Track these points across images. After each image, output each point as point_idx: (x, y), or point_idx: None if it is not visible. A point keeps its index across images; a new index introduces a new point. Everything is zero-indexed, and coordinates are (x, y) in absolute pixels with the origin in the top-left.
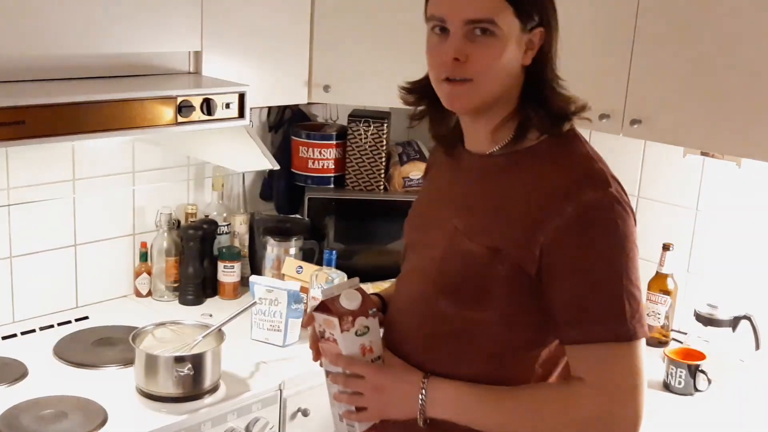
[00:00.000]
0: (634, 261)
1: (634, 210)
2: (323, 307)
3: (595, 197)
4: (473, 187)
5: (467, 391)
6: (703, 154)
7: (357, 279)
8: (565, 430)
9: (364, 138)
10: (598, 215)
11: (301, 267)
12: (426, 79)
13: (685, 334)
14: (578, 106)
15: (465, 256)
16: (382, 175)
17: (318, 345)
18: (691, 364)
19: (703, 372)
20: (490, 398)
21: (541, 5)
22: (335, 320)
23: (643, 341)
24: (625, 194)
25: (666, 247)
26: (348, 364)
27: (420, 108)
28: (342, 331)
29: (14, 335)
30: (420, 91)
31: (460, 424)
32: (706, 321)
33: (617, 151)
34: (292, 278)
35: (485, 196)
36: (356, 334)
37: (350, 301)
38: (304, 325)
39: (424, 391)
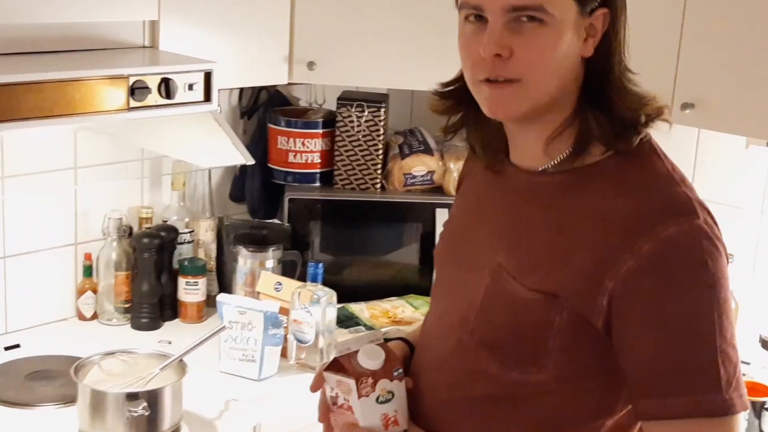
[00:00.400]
0: (728, 312)
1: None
2: (337, 365)
3: (680, 231)
4: (522, 212)
5: None
6: None
7: (381, 332)
8: None
9: (357, 126)
10: (683, 255)
11: (280, 283)
12: (462, 79)
13: (749, 364)
14: (654, 109)
15: (513, 303)
16: (379, 172)
17: (329, 416)
18: (756, 401)
19: None
20: None
21: None
22: (352, 382)
23: (742, 416)
24: (716, 225)
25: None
26: None
27: (456, 117)
28: (360, 396)
29: None
30: (456, 96)
31: None
32: None
33: (664, 142)
34: (270, 297)
35: (538, 225)
36: (377, 400)
37: (371, 359)
38: (312, 388)
39: None
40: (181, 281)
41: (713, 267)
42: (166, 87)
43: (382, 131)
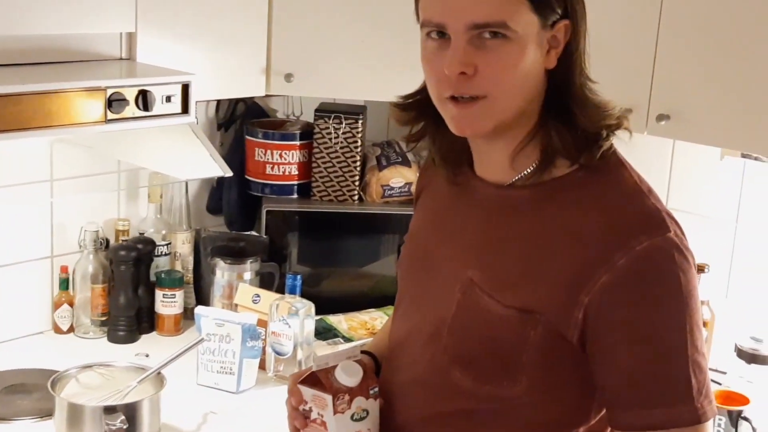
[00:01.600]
0: (699, 322)
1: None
2: (313, 379)
3: (653, 245)
4: (492, 227)
5: None
6: (745, 156)
7: (359, 347)
8: None
9: (335, 138)
10: (657, 268)
11: (258, 295)
12: (424, 91)
13: (725, 373)
14: (615, 120)
15: (486, 318)
16: (357, 183)
17: (299, 428)
18: (732, 409)
19: (746, 419)
20: None
21: None
22: (329, 398)
23: (710, 423)
24: (684, 236)
25: (700, 269)
26: None
27: (417, 128)
28: (335, 412)
29: None
30: (417, 107)
31: None
32: (750, 358)
33: (639, 153)
34: (248, 309)
35: (510, 240)
36: (352, 418)
37: (349, 376)
38: (294, 402)
39: None
40: (159, 294)
41: (685, 279)
42: (144, 99)
43: (359, 143)
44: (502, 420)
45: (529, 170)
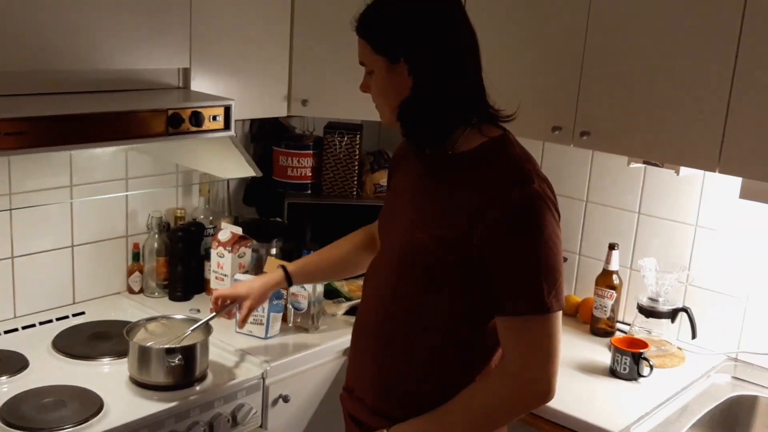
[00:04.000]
0: (551, 246)
1: (559, 208)
2: None
3: (521, 193)
4: (426, 184)
5: (421, 425)
6: (645, 162)
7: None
8: (494, 414)
9: (339, 148)
10: (523, 209)
11: (281, 266)
12: None
13: (629, 324)
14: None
15: (418, 246)
16: (355, 182)
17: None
18: (635, 352)
19: (645, 359)
20: (439, 423)
21: (396, 42)
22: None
23: (559, 314)
24: (550, 190)
25: (612, 247)
26: None
27: None
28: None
29: (15, 330)
30: None
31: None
32: (648, 313)
33: (567, 160)
34: None
35: (436, 191)
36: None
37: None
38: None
39: None
40: (206, 264)
41: (542, 217)
42: (196, 118)
43: (357, 152)
44: (430, 315)
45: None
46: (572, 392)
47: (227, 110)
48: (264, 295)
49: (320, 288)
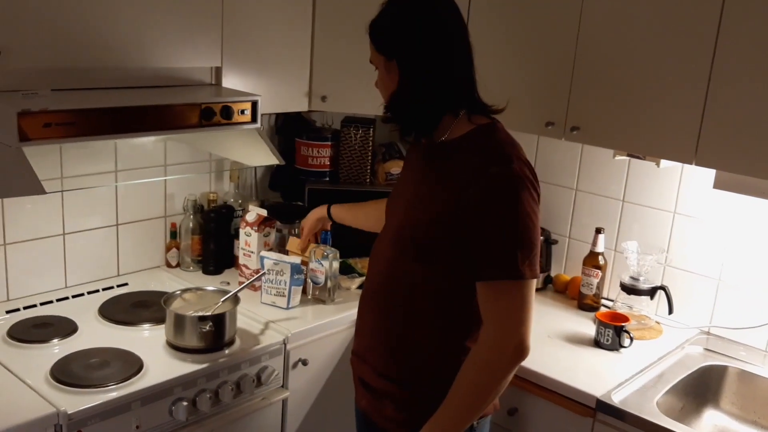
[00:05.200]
0: (526, 221)
1: (539, 189)
2: None
3: (499, 171)
4: (422, 169)
5: (432, 426)
6: (629, 155)
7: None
8: (484, 385)
9: (354, 140)
10: (500, 186)
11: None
12: None
13: (613, 301)
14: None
15: (413, 223)
16: (369, 171)
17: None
18: (617, 325)
19: (626, 332)
20: (447, 416)
21: (390, 42)
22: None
23: (532, 283)
24: (529, 171)
25: (598, 231)
26: None
27: None
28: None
29: (66, 298)
30: None
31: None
32: (630, 290)
33: (559, 153)
34: (295, 253)
35: (432, 174)
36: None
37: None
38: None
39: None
40: (236, 242)
41: (518, 193)
42: (226, 111)
43: (371, 143)
44: (424, 285)
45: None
46: (560, 360)
47: (254, 105)
48: (314, 223)
49: (336, 264)
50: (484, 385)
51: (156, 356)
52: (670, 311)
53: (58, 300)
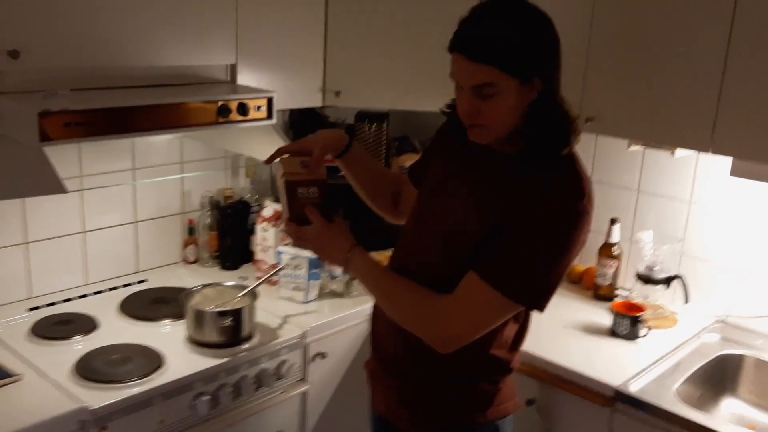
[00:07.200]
0: (559, 257)
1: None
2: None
3: (571, 204)
4: (479, 176)
5: (371, 266)
6: (644, 145)
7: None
8: (404, 311)
9: (368, 134)
10: (564, 217)
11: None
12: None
13: (629, 290)
14: (575, 129)
15: (463, 229)
16: (383, 164)
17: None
18: (633, 315)
19: (642, 321)
20: (380, 277)
21: (532, 62)
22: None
23: (507, 303)
24: (592, 210)
25: (613, 221)
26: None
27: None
28: None
29: (87, 295)
30: (453, 109)
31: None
32: (645, 280)
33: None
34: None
35: (487, 185)
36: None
37: None
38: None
39: (348, 254)
40: (252, 238)
41: (575, 232)
42: (242, 108)
43: (385, 138)
44: (450, 282)
45: (511, 151)
46: (577, 350)
47: (269, 101)
48: (326, 142)
49: None
50: (403, 312)
51: (176, 351)
52: (686, 300)
53: (79, 297)
